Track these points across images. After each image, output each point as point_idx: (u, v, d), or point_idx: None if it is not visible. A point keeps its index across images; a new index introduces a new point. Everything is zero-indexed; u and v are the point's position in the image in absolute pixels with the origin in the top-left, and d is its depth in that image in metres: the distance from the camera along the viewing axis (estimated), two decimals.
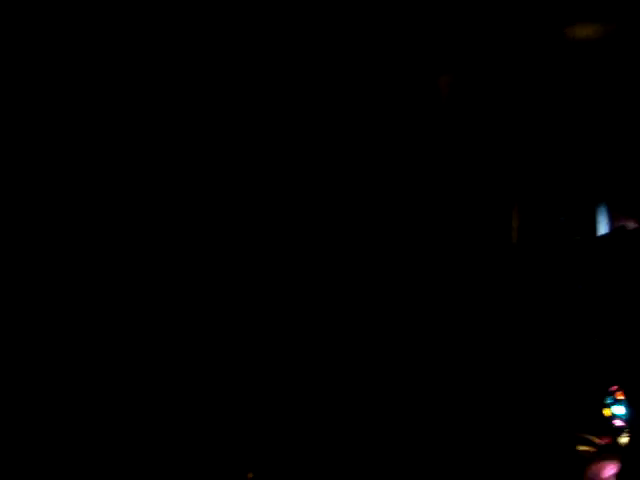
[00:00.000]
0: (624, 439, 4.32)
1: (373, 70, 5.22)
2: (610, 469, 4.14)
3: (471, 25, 5.14)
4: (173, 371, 4.42)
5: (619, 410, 4.36)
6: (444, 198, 5.32)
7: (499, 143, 5.53)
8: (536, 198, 5.62)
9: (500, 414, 4.51)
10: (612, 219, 5.87)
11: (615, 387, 4.49)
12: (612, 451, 4.29)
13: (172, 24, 4.68)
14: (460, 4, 5.08)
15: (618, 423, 4.37)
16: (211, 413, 4.40)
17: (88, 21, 4.42)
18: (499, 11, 5.14)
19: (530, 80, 5.40)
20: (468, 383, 4.68)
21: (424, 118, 5.35)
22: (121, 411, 4.21)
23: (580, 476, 4.25)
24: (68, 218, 4.37)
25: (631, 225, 5.67)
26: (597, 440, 4.51)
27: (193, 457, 4.28)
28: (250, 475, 4.32)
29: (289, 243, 4.94)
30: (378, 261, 5.07)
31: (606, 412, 4.47)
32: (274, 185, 4.99)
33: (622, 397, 4.40)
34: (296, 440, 4.41)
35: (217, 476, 4.33)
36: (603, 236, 5.39)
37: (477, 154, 5.47)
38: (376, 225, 5.11)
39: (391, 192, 5.25)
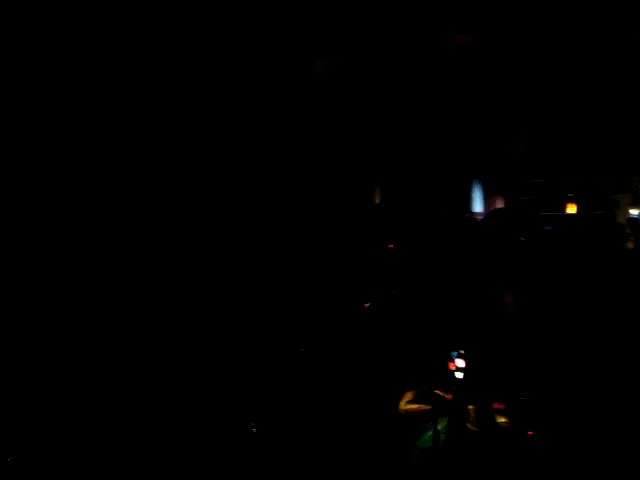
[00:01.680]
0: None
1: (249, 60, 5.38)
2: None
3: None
4: (173, 369, 4.40)
5: (461, 363, 4.77)
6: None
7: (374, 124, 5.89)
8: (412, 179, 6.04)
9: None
10: (486, 198, 6.33)
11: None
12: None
13: (172, 24, 4.72)
14: None
15: (459, 376, 4.79)
16: (210, 407, 4.36)
17: (88, 21, 4.38)
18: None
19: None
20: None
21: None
22: (121, 407, 4.16)
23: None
24: (68, 218, 4.34)
25: (500, 205, 6.16)
26: (442, 394, 4.92)
27: (193, 456, 4.17)
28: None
29: (286, 242, 5.10)
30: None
31: (451, 366, 4.89)
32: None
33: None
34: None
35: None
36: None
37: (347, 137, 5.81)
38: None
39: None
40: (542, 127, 6.00)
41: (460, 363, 4.79)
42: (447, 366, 4.94)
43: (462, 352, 4.78)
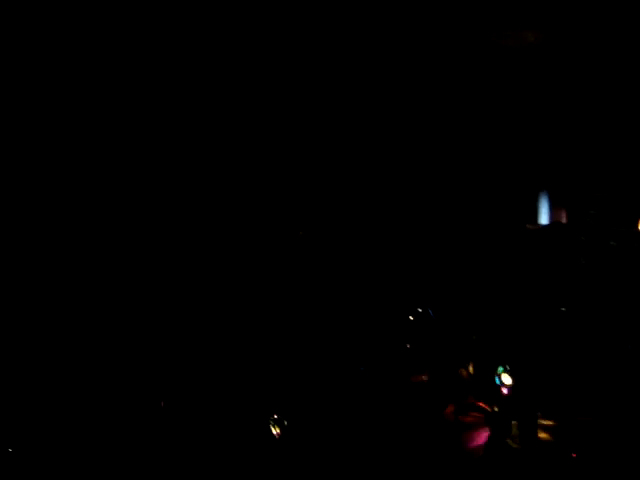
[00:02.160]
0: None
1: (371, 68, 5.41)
2: (482, 437, 4.56)
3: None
4: (173, 369, 4.44)
5: (507, 379, 4.74)
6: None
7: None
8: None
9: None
10: (551, 210, 6.21)
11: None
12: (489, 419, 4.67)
13: (172, 24, 4.76)
14: None
15: (505, 391, 4.76)
16: (211, 408, 4.41)
17: (88, 21, 4.48)
18: None
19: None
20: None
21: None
22: (121, 408, 4.22)
23: (456, 442, 4.63)
24: (68, 218, 4.42)
25: (564, 219, 6.03)
26: (486, 407, 4.90)
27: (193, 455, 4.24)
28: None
29: (288, 242, 5.10)
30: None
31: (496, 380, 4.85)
32: (271, 184, 5.16)
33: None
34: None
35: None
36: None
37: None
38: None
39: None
40: (613, 140, 5.82)
41: (506, 378, 4.76)
42: (493, 380, 4.91)
43: (508, 367, 4.75)
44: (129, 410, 4.23)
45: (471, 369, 5.09)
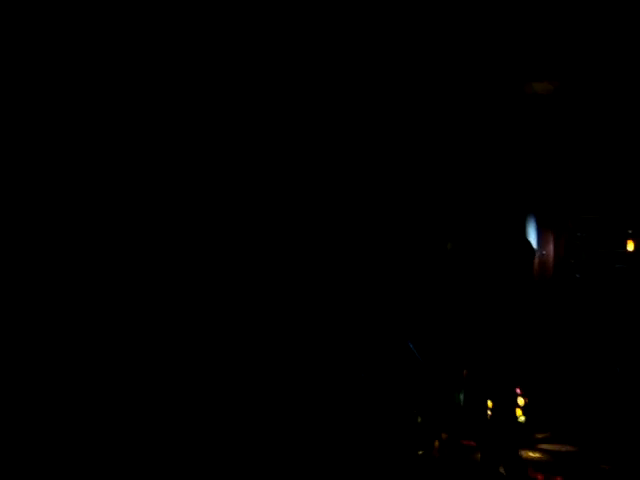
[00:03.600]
0: None
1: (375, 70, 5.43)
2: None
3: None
4: (173, 370, 4.43)
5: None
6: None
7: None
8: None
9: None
10: (539, 234, 6.17)
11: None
12: None
13: (172, 24, 4.72)
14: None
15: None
16: (211, 410, 4.43)
17: (88, 21, 4.42)
18: None
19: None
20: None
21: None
22: (121, 410, 4.21)
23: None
24: (68, 218, 4.34)
25: (551, 242, 5.99)
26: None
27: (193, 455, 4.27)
28: None
29: (288, 243, 5.07)
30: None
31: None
32: (273, 185, 5.12)
33: None
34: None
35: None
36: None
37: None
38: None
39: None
40: (597, 161, 5.81)
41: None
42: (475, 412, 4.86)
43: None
44: (129, 410, 4.25)
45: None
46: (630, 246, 5.82)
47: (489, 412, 4.73)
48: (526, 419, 5.26)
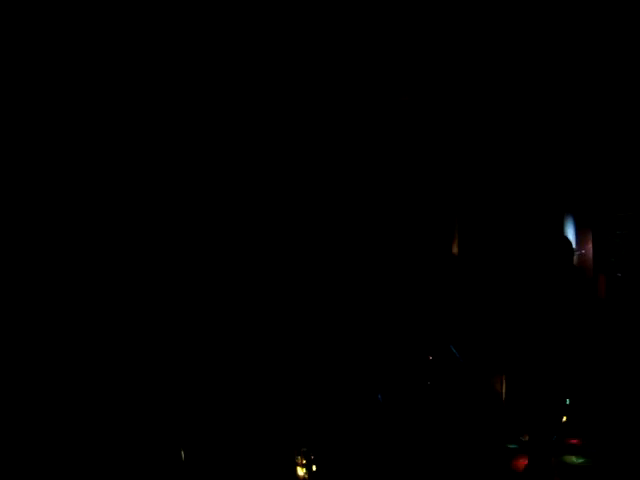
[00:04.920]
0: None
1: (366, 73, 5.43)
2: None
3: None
4: (173, 371, 4.40)
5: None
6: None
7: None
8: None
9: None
10: (578, 233, 6.12)
11: None
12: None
13: (172, 24, 4.69)
14: None
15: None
16: (211, 411, 4.40)
17: (88, 21, 4.39)
18: None
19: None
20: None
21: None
22: (121, 411, 4.18)
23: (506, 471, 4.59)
24: (68, 218, 4.31)
25: (589, 241, 5.94)
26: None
27: (193, 456, 4.27)
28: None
29: (288, 243, 5.04)
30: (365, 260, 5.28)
31: None
32: (273, 185, 5.08)
33: None
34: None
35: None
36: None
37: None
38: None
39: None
40: (635, 158, 5.74)
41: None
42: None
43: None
44: (129, 410, 4.25)
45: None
46: None
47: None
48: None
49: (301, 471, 4.21)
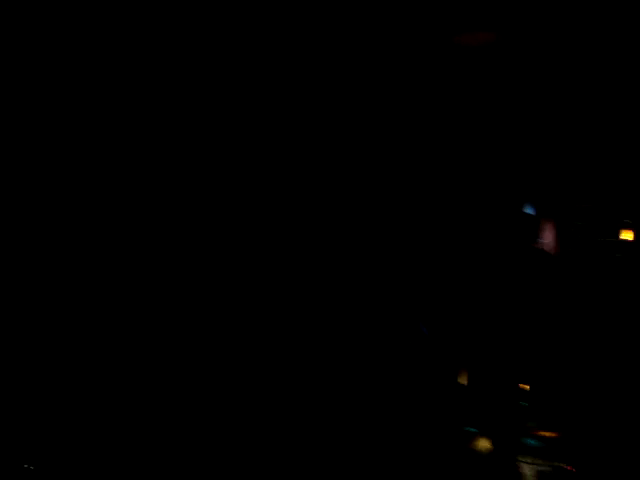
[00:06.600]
0: None
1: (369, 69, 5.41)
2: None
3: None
4: (173, 371, 4.40)
5: None
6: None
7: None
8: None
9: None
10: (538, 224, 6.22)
11: None
12: None
13: (172, 24, 4.69)
14: None
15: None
16: (211, 412, 4.37)
17: (88, 21, 4.42)
18: None
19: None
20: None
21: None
22: (121, 411, 4.20)
23: None
24: (68, 218, 4.36)
25: (551, 231, 6.04)
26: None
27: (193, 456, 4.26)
28: None
29: (289, 243, 4.96)
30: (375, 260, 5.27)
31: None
32: (273, 185, 5.01)
33: None
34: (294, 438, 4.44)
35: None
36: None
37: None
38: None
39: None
40: (596, 150, 5.86)
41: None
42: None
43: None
44: (129, 410, 4.25)
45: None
46: (628, 235, 5.89)
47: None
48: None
49: None
